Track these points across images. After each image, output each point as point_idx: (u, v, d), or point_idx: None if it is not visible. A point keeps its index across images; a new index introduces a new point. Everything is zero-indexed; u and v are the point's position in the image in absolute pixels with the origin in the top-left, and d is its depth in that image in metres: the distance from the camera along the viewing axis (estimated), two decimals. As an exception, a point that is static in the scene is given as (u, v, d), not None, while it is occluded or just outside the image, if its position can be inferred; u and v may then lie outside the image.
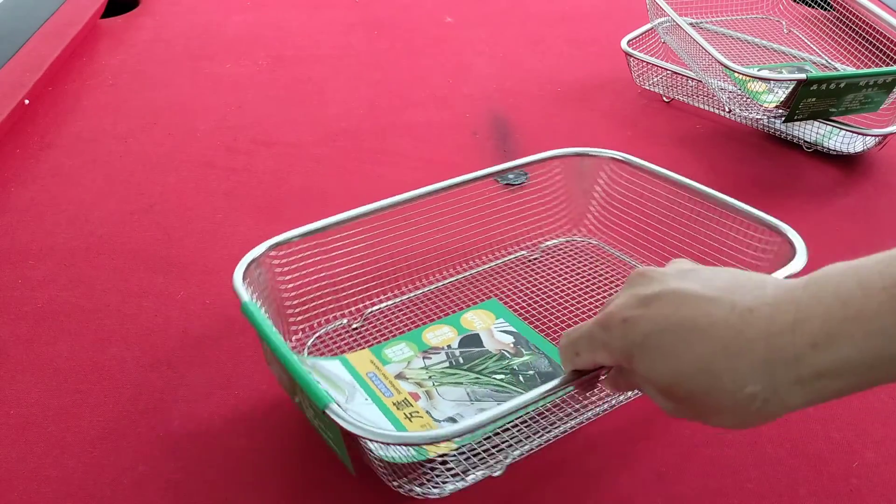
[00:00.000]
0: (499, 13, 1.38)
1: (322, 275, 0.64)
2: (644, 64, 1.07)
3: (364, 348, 0.62)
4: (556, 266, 0.73)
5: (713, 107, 1.03)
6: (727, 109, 0.99)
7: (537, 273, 0.72)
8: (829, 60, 1.09)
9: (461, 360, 0.61)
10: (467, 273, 0.72)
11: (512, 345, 0.62)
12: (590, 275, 0.72)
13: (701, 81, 1.00)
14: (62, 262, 0.75)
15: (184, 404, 0.59)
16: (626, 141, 0.98)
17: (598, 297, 0.70)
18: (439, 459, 0.50)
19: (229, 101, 1.07)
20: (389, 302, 0.68)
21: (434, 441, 0.43)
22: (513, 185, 0.88)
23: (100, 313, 0.68)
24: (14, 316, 0.68)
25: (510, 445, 0.53)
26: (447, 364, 0.60)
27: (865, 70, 0.85)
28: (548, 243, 0.76)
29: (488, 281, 0.71)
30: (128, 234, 0.79)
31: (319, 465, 0.55)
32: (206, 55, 1.20)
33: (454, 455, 0.51)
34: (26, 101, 1.00)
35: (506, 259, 0.74)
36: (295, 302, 0.63)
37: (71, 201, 0.84)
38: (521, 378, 0.59)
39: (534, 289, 0.70)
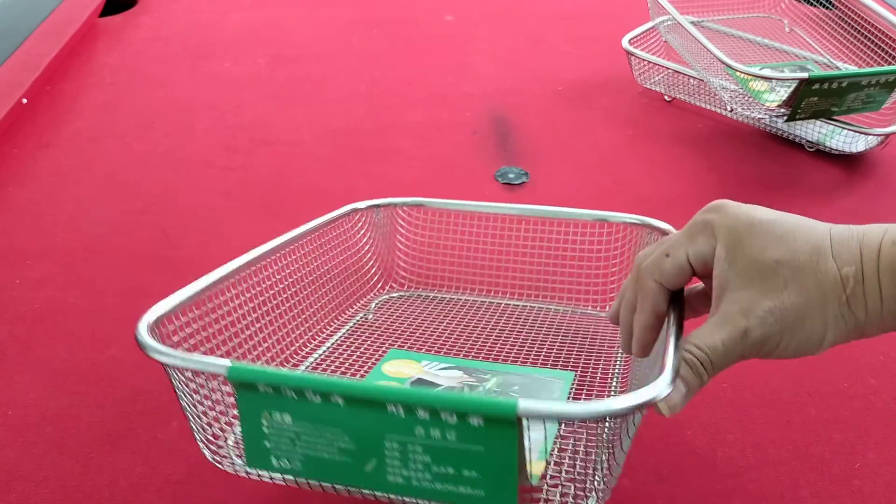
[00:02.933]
0: (499, 11, 1.37)
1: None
2: (645, 63, 1.06)
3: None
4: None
5: (715, 106, 1.02)
6: (729, 108, 0.99)
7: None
8: (831, 59, 1.09)
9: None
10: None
11: (465, 377, 0.56)
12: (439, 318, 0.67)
13: (702, 80, 1.00)
14: (60, 262, 0.74)
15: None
16: (626, 140, 0.98)
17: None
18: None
19: (228, 99, 1.06)
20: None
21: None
22: (513, 184, 0.88)
23: (98, 313, 0.68)
24: (12, 316, 0.68)
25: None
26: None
27: (867, 69, 0.85)
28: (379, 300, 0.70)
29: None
30: (126, 234, 0.78)
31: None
32: (204, 54, 1.19)
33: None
34: (24, 101, 1.00)
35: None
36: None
37: (69, 201, 0.84)
38: (513, 394, 0.54)
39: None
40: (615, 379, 0.58)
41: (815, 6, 1.23)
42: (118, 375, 0.62)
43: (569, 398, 0.55)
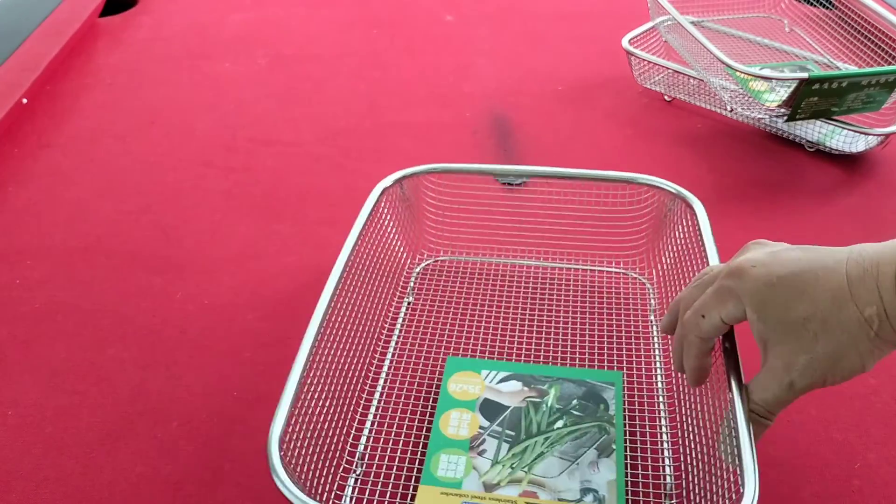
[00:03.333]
0: (499, 11, 1.37)
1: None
2: (645, 63, 1.06)
3: (411, 494, 0.53)
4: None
5: (715, 106, 1.02)
6: (729, 108, 0.99)
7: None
8: (832, 59, 1.09)
9: (509, 434, 0.55)
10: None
11: (526, 390, 0.59)
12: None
13: (702, 80, 1.00)
14: (60, 263, 0.74)
15: (182, 405, 0.59)
16: (626, 140, 0.98)
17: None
18: None
19: (228, 100, 1.06)
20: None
21: None
22: (512, 185, 0.88)
23: (98, 314, 0.68)
24: (12, 316, 0.68)
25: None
26: (506, 446, 0.55)
27: (868, 69, 0.85)
28: (591, 267, 0.73)
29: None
30: (126, 234, 0.78)
31: (319, 466, 0.54)
32: (204, 54, 1.19)
33: None
34: (24, 101, 1.00)
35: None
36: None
37: (69, 201, 0.84)
38: (574, 412, 0.56)
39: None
40: (660, 379, 0.61)
41: (815, 6, 1.23)
42: (118, 375, 0.62)
43: (624, 408, 0.58)
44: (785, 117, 0.87)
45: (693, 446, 0.52)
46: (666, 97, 1.07)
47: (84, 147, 0.94)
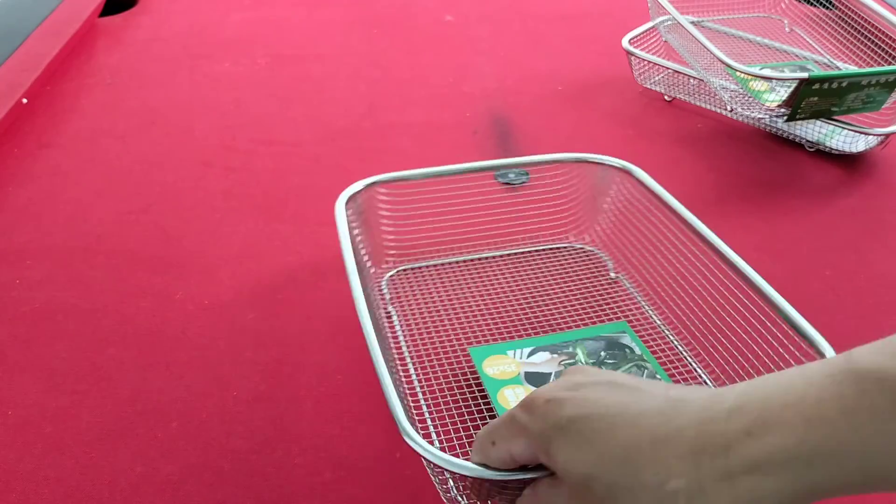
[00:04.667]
0: (499, 11, 1.37)
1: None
2: (645, 63, 1.06)
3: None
4: (548, 270, 0.73)
5: (715, 106, 1.02)
6: (729, 108, 0.99)
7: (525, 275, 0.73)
8: (831, 59, 1.09)
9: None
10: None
11: (556, 356, 0.62)
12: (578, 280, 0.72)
13: (702, 80, 1.00)
14: (60, 263, 0.74)
15: (182, 405, 0.59)
16: (626, 140, 0.98)
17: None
18: None
19: (228, 99, 1.06)
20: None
21: None
22: (513, 184, 0.87)
23: (98, 313, 0.68)
24: (12, 316, 0.68)
25: None
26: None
27: (867, 69, 0.85)
28: (542, 247, 0.76)
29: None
30: (126, 234, 0.78)
31: (321, 465, 0.54)
32: (204, 54, 1.19)
33: None
34: (24, 101, 1.00)
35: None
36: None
37: (69, 201, 0.84)
38: (608, 361, 0.61)
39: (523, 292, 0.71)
40: (656, 318, 0.67)
41: (815, 6, 1.23)
42: (118, 375, 0.62)
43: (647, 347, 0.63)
44: (785, 117, 0.87)
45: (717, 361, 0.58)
46: (666, 97, 1.07)
47: (84, 147, 0.94)
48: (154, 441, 0.56)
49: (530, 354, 0.62)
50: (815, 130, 0.93)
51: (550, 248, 0.76)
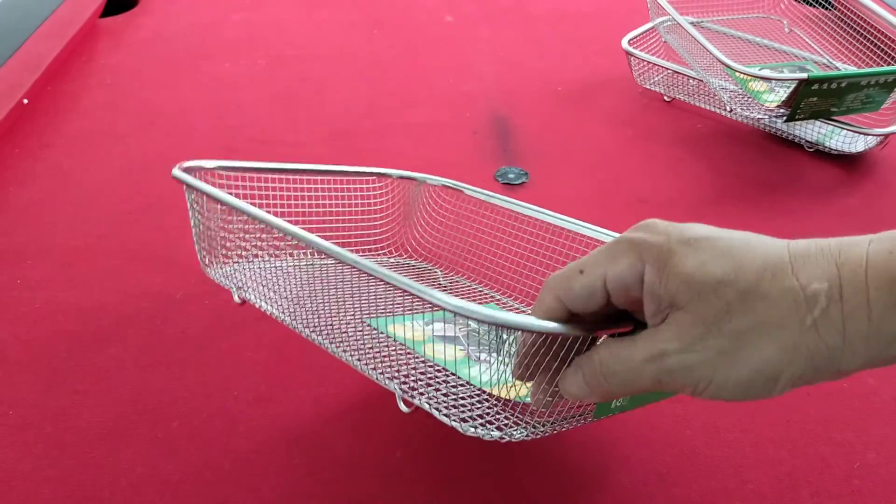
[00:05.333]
0: (499, 12, 1.37)
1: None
2: (645, 63, 1.06)
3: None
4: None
5: (714, 106, 1.02)
6: (728, 109, 0.99)
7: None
8: (831, 60, 1.09)
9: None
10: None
11: (447, 326, 0.57)
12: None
13: (702, 81, 1.00)
14: (60, 262, 0.74)
15: (182, 405, 0.59)
16: (626, 140, 0.98)
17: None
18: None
19: (228, 100, 1.06)
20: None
21: None
22: (513, 184, 0.88)
23: (98, 313, 0.68)
24: (12, 316, 0.68)
25: None
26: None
27: (867, 69, 0.85)
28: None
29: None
30: (126, 234, 0.79)
31: (321, 466, 0.54)
32: (204, 54, 1.20)
33: None
34: (25, 101, 1.00)
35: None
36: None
37: (69, 201, 0.84)
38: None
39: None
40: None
41: (814, 6, 1.23)
42: (118, 375, 0.62)
43: None
44: (784, 117, 0.87)
45: None
46: (666, 97, 1.07)
47: (84, 147, 0.94)
48: (155, 441, 0.56)
49: (427, 324, 0.57)
50: (814, 131, 0.93)
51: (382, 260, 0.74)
